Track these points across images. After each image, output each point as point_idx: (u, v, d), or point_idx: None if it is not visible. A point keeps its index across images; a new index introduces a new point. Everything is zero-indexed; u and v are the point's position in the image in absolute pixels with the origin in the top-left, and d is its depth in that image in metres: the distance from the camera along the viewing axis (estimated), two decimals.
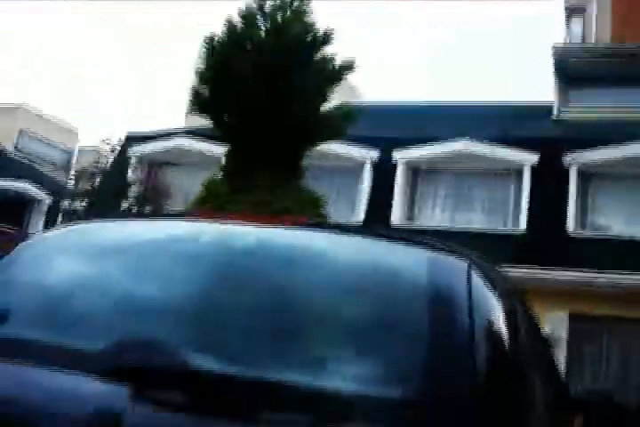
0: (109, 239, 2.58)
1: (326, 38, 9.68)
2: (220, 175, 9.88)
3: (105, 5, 76.09)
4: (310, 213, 8.62)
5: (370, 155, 16.81)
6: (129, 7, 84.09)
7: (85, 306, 2.21)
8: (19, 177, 25.52)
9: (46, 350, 2.04)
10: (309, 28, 9.63)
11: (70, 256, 2.49)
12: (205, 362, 1.90)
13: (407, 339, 1.97)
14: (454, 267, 2.23)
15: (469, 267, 2.20)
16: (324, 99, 9.79)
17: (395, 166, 16.62)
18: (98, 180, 17.22)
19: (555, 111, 18.72)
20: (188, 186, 15.33)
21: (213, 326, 2.07)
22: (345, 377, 1.88)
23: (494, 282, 2.30)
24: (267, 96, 9.10)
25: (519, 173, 15.98)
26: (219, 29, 9.66)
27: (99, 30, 78.06)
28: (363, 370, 1.91)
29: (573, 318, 14.12)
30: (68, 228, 3.00)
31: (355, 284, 2.17)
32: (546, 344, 3.05)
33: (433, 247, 2.35)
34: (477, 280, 2.16)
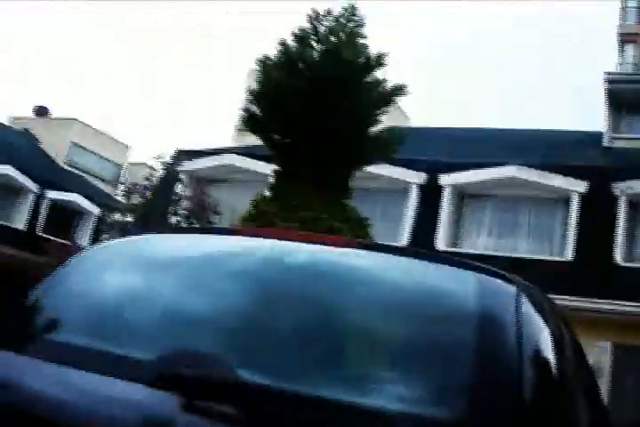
0: (165, 252, 2.64)
1: (379, 61, 9.76)
2: (268, 193, 9.97)
3: (105, 5, 76.71)
4: (357, 234, 8.65)
5: (416, 178, 16.80)
6: (129, 7, 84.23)
7: (138, 316, 2.28)
8: (69, 189, 25.95)
9: (99, 357, 2.10)
10: (363, 50, 9.72)
11: (125, 267, 2.57)
12: (253, 376, 1.94)
13: (455, 361, 1.98)
14: (504, 291, 2.25)
15: (519, 292, 2.22)
16: (375, 120, 9.86)
17: (441, 190, 16.58)
18: (148, 194, 17.47)
19: (605, 139, 18.54)
20: (235, 203, 15.48)
21: (263, 341, 2.11)
22: (391, 396, 1.91)
23: (543, 307, 2.32)
24: (318, 116, 9.19)
25: (567, 200, 15.82)
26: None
27: (99, 30, 78.46)
28: (410, 390, 1.93)
29: (617, 349, 13.89)
30: (124, 239, 3.07)
31: (405, 305, 2.20)
32: (590, 371, 3.03)
33: (483, 271, 2.37)
34: (526, 305, 2.18)
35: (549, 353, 2.11)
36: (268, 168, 12.32)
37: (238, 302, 2.25)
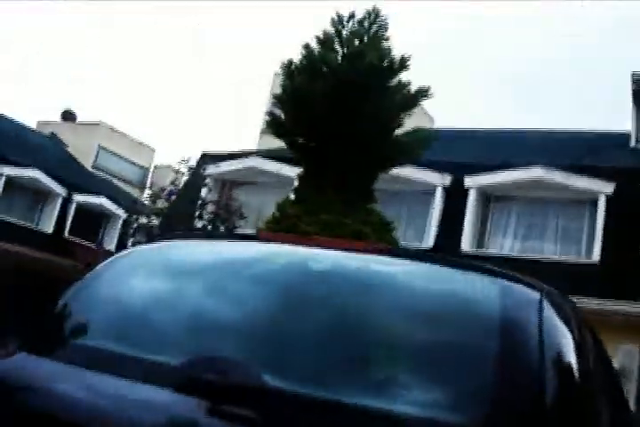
0: (192, 258, 2.69)
1: (402, 64, 9.76)
2: (292, 196, 10.01)
3: (105, 5, 76.67)
4: (381, 238, 8.65)
5: (441, 180, 16.74)
6: (129, 7, 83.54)
7: (165, 321, 2.31)
8: (96, 193, 26.19)
9: (126, 362, 2.13)
10: (386, 53, 9.73)
11: (153, 273, 2.61)
12: (278, 381, 1.96)
13: (477, 367, 2.00)
14: (527, 297, 2.26)
15: (542, 297, 2.23)
16: (399, 123, 9.85)
17: (466, 192, 16.51)
18: (174, 198, 17.58)
19: (632, 140, 18.37)
20: (260, 206, 15.56)
21: (287, 347, 2.13)
22: (414, 402, 1.92)
23: (566, 313, 2.32)
24: (342, 119, 9.21)
25: (594, 202, 15.69)
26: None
27: (99, 30, 78.34)
28: (433, 395, 1.95)
29: None
30: (151, 245, 3.11)
31: (428, 310, 2.22)
32: (615, 375, 3.03)
33: (506, 277, 2.38)
34: (549, 311, 2.19)
35: (572, 358, 2.11)
36: (292, 171, 12.37)
37: (263, 308, 2.27)
